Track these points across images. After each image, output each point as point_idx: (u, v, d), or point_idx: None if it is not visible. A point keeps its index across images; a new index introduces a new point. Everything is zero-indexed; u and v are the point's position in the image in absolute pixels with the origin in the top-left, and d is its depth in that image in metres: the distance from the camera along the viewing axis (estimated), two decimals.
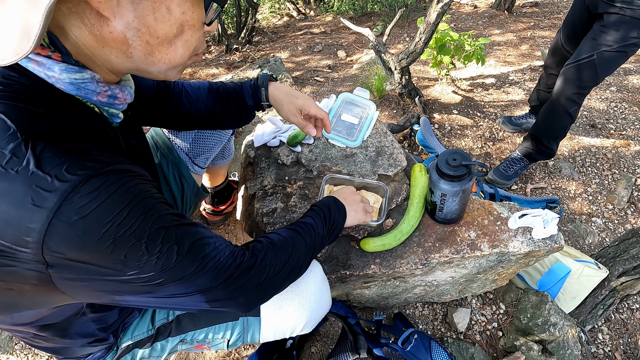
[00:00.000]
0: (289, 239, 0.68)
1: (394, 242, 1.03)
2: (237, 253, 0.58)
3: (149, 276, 0.46)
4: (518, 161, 1.86)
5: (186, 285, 0.51)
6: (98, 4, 0.40)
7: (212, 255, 0.52)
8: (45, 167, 0.38)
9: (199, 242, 0.51)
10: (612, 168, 2.01)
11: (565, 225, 1.75)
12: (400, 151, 1.22)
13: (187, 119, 0.90)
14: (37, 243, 0.38)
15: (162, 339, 0.77)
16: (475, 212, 1.09)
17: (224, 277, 0.54)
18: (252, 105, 0.90)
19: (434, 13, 1.67)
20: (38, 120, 0.41)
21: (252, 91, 0.89)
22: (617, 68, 1.51)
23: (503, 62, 2.91)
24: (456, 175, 0.89)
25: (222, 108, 0.91)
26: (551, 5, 3.81)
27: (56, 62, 0.43)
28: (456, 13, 3.90)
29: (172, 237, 0.47)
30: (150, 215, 0.45)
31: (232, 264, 0.55)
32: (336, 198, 0.86)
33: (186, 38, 0.49)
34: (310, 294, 0.79)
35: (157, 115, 0.87)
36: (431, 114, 2.32)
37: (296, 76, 3.03)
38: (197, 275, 0.51)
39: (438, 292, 1.21)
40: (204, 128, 0.97)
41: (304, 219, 0.76)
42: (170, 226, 0.47)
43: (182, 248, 0.48)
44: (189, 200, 1.06)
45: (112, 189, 0.42)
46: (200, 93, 0.88)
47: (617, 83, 2.59)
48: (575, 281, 1.29)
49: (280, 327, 0.79)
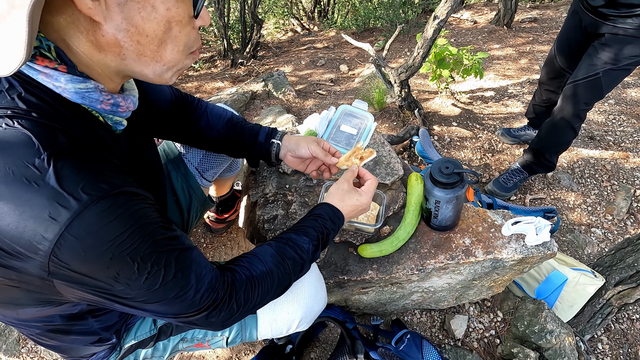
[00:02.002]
0: (272, 272, 0.68)
1: (391, 248, 1.06)
2: (217, 286, 0.59)
3: (135, 293, 0.51)
4: (518, 173, 1.89)
5: (165, 308, 0.55)
6: (89, 10, 0.42)
7: (192, 285, 0.56)
8: (64, 184, 0.43)
9: (185, 271, 0.54)
10: (611, 179, 2.03)
11: (564, 235, 1.77)
12: (398, 160, 1.26)
13: (199, 139, 0.94)
14: (46, 251, 0.43)
15: (164, 338, 0.80)
16: (470, 220, 1.12)
17: (197, 308, 0.57)
18: (262, 142, 0.92)
19: (431, 29, 1.73)
20: (57, 136, 0.45)
21: (268, 131, 0.93)
22: (619, 83, 1.56)
23: (502, 76, 2.97)
24: (449, 182, 0.93)
25: (234, 142, 0.94)
26: (550, 21, 3.89)
27: (62, 74, 0.47)
28: (456, 28, 3.99)
29: (162, 262, 0.51)
30: (147, 239, 0.49)
31: (209, 298, 0.58)
32: (336, 209, 0.82)
33: (174, 34, 0.49)
34: (304, 290, 0.82)
35: (172, 129, 0.90)
36: (431, 126, 2.37)
37: (299, 89, 3.11)
38: (175, 301, 0.55)
39: (435, 299, 1.23)
40: (211, 151, 1.01)
41: (299, 237, 0.74)
42: (161, 251, 0.51)
43: (168, 274, 0.52)
44: (195, 210, 1.10)
45: (119, 212, 0.46)
46: (219, 121, 0.92)
47: (616, 96, 2.63)
48: (572, 289, 1.31)
49: (276, 322, 0.82)
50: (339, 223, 0.81)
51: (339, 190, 0.83)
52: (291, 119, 1.89)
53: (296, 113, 2.62)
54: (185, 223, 1.08)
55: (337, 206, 0.81)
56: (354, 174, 0.87)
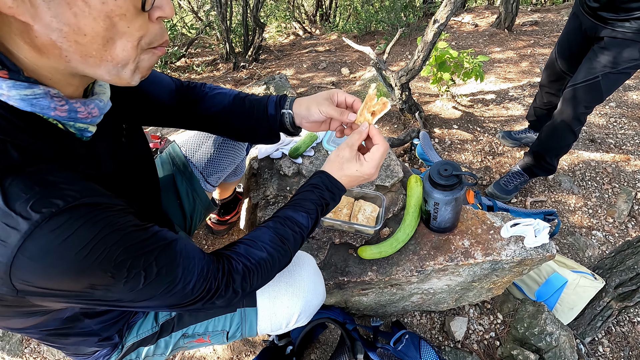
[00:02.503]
0: (271, 256, 0.66)
1: (391, 250, 1.07)
2: (210, 276, 0.58)
3: (119, 296, 0.50)
4: (518, 176, 1.89)
5: (157, 302, 0.54)
6: (10, 10, 0.38)
7: (181, 278, 0.54)
8: (12, 204, 0.40)
9: (169, 266, 0.53)
10: (612, 182, 2.03)
11: (565, 238, 1.77)
12: (397, 163, 1.27)
13: (207, 122, 0.88)
14: (5, 274, 0.41)
15: (166, 334, 0.81)
16: (469, 222, 1.12)
17: (191, 298, 0.56)
18: (273, 114, 0.83)
19: (431, 32, 1.75)
20: (7, 149, 0.42)
21: (277, 101, 0.84)
22: (619, 87, 1.56)
23: (503, 79, 2.98)
24: (447, 184, 0.94)
25: (244, 119, 0.86)
26: (551, 24, 3.90)
27: (3, 80, 0.43)
28: (457, 32, 4.01)
29: (140, 264, 0.49)
30: (116, 247, 0.46)
31: (201, 288, 0.57)
32: (334, 179, 0.75)
33: (122, 30, 0.44)
34: (303, 284, 0.83)
35: (179, 118, 0.86)
36: (431, 128, 2.38)
37: (301, 92, 3.13)
38: (166, 295, 0.54)
39: (435, 301, 1.24)
40: (222, 134, 0.93)
41: (297, 214, 0.71)
42: (137, 255, 0.49)
43: (150, 273, 0.50)
44: (199, 214, 1.11)
45: (76, 225, 0.43)
46: (224, 99, 0.85)
47: (617, 99, 2.63)
48: (572, 292, 1.31)
49: (276, 316, 0.83)
50: (339, 192, 0.76)
51: (338, 158, 0.75)
52: None
53: None
54: (188, 227, 1.09)
55: (335, 175, 0.75)
56: (362, 136, 0.76)
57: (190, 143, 1.08)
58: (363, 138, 0.76)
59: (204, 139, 1.08)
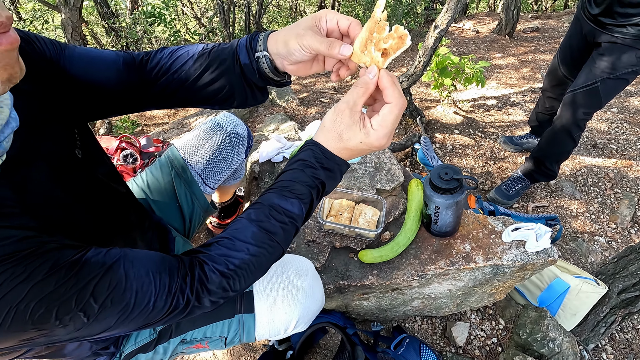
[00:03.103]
0: (255, 255, 0.55)
1: (391, 254, 1.07)
2: (176, 290, 0.50)
3: (67, 336, 0.44)
4: (520, 181, 1.89)
5: (120, 329, 0.48)
6: None
7: (135, 302, 0.47)
8: None
9: (114, 294, 0.45)
10: (615, 187, 2.02)
11: (567, 243, 1.76)
12: (398, 167, 1.27)
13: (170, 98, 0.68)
14: None
15: (164, 341, 0.81)
16: (470, 226, 1.12)
17: (160, 316, 0.50)
18: (247, 63, 0.61)
19: (432, 38, 1.76)
20: None
21: (247, 44, 0.61)
22: (620, 93, 1.56)
23: (504, 84, 2.99)
24: (448, 188, 0.94)
25: (214, 79, 0.64)
26: (552, 30, 3.92)
27: None
28: (458, 38, 4.03)
29: (71, 306, 0.42)
30: (24, 305, 0.39)
31: (167, 304, 0.49)
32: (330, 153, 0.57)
33: None
34: (301, 289, 0.83)
35: (135, 102, 0.68)
36: (433, 133, 2.38)
37: (302, 97, 3.14)
38: (126, 321, 0.47)
39: (436, 306, 1.23)
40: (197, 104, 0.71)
41: (286, 201, 0.57)
42: (65, 298, 0.42)
43: (91, 310, 0.44)
44: (198, 216, 1.11)
45: None
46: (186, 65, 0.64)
47: (618, 104, 2.63)
48: (575, 297, 1.30)
49: (274, 322, 0.82)
50: (338, 168, 0.59)
51: (335, 124, 0.55)
52: (294, 126, 1.91)
53: (299, 121, 2.64)
54: (187, 229, 1.09)
55: (330, 148, 0.57)
56: (368, 89, 0.54)
57: (189, 146, 1.08)
58: (370, 92, 0.54)
59: (202, 142, 1.08)
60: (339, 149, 0.57)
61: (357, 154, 0.58)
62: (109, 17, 3.68)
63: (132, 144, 1.77)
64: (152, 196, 1.02)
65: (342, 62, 0.60)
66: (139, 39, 3.74)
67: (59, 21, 4.57)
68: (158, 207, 1.02)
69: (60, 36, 4.81)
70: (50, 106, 0.56)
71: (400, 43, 0.52)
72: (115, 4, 4.25)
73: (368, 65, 0.54)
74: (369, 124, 0.54)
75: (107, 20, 3.63)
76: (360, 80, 0.54)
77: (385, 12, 0.53)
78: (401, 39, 0.52)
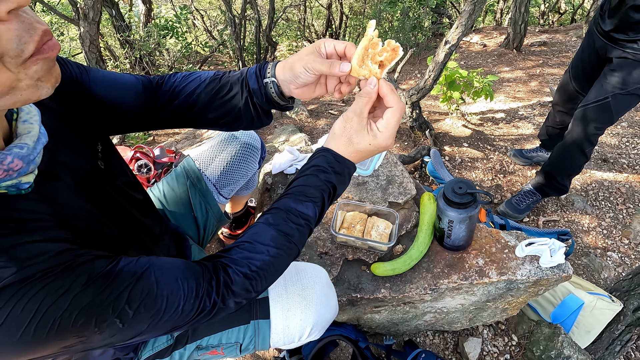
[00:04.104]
0: (275, 257, 0.59)
1: (404, 267, 1.07)
2: (203, 294, 0.53)
3: (102, 342, 0.46)
4: (530, 195, 1.88)
5: (149, 335, 0.51)
6: None
7: (166, 307, 0.50)
8: None
9: (146, 301, 0.48)
10: (627, 202, 2.00)
11: (579, 258, 1.74)
12: (410, 180, 1.28)
13: (185, 118, 0.75)
14: None
15: (180, 347, 0.82)
16: (483, 240, 1.12)
17: (186, 320, 0.53)
18: (255, 88, 0.68)
19: (442, 53, 1.78)
20: None
21: (257, 71, 0.69)
22: (632, 108, 1.56)
23: (512, 98, 3.00)
24: (462, 202, 0.94)
25: (225, 103, 0.71)
26: (559, 45, 3.94)
27: None
28: (466, 51, 4.07)
29: (108, 314, 0.45)
30: (68, 313, 0.41)
31: (195, 308, 0.52)
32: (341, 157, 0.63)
33: None
34: (316, 297, 0.83)
35: (152, 121, 0.74)
36: (442, 146, 2.39)
37: (311, 109, 3.18)
38: (157, 326, 0.50)
39: (448, 320, 1.22)
40: (210, 127, 0.78)
41: (301, 205, 0.61)
42: (103, 307, 0.44)
43: (126, 316, 0.46)
44: (211, 225, 1.13)
45: (6, 312, 0.38)
46: (198, 88, 0.72)
47: (629, 119, 2.63)
48: (589, 314, 1.28)
49: (288, 329, 0.82)
50: (349, 173, 0.65)
51: (346, 130, 0.62)
52: (304, 137, 1.94)
53: (309, 132, 2.67)
54: (201, 238, 1.11)
55: (342, 153, 0.63)
56: (371, 98, 0.61)
57: (204, 157, 1.11)
58: (373, 100, 0.62)
59: (217, 152, 1.11)
60: (349, 153, 0.63)
61: (366, 155, 0.64)
62: (123, 30, 3.78)
63: (146, 154, 1.80)
64: (168, 206, 1.04)
65: (341, 82, 0.68)
66: (152, 51, 3.83)
67: (74, 33, 4.70)
68: (174, 216, 1.04)
69: (76, 48, 4.94)
70: (74, 122, 0.60)
71: (393, 54, 0.60)
72: (129, 17, 4.36)
73: (367, 77, 0.61)
74: (375, 127, 0.61)
75: (122, 33, 3.73)
76: (363, 91, 0.62)
77: (377, 31, 0.61)
78: (394, 51, 0.60)
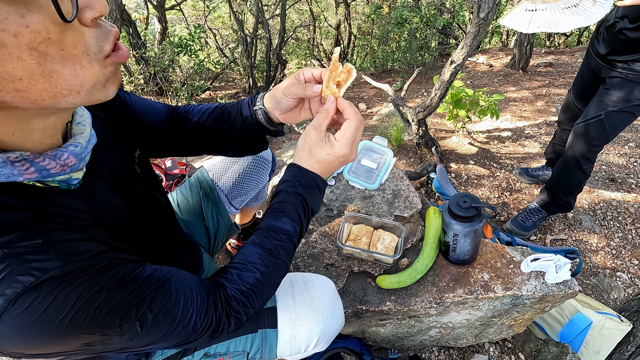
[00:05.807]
0: (265, 274, 0.63)
1: (409, 280, 1.08)
2: (210, 308, 0.56)
3: (120, 345, 0.49)
4: (536, 212, 1.88)
5: (162, 343, 0.53)
6: None
7: (180, 318, 0.53)
8: None
9: (165, 308, 0.51)
10: (635, 223, 1.99)
11: (588, 278, 1.72)
12: (416, 195, 1.30)
13: (196, 144, 0.84)
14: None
15: (189, 354, 0.83)
16: (489, 255, 1.13)
17: (195, 335, 0.56)
18: (248, 115, 0.77)
19: (448, 72, 1.83)
20: None
21: (249, 101, 0.79)
22: (627, 127, 1.59)
23: (519, 117, 3.02)
24: (467, 216, 0.96)
25: (226, 130, 0.81)
26: (565, 66, 3.99)
27: None
28: (472, 71, 4.13)
29: (131, 316, 0.47)
30: (99, 310, 0.44)
31: (204, 323, 0.55)
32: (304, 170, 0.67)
33: (57, 56, 0.37)
34: (323, 308, 0.84)
35: (172, 144, 0.83)
36: (448, 163, 2.41)
37: None
38: (169, 337, 0.53)
39: (454, 336, 1.21)
40: (215, 152, 0.89)
41: (278, 221, 0.65)
42: (126, 310, 0.46)
43: (146, 321, 0.49)
44: (222, 235, 1.16)
45: (47, 302, 0.40)
46: (204, 116, 0.82)
47: (636, 139, 2.63)
48: (598, 334, 1.26)
49: (295, 339, 0.83)
50: (315, 184, 0.68)
51: (306, 144, 0.67)
52: None
53: None
54: (211, 247, 1.14)
55: (305, 165, 0.67)
56: (328, 113, 0.67)
57: (217, 168, 1.16)
58: (331, 115, 0.67)
59: (229, 164, 1.16)
60: (311, 164, 0.67)
61: (328, 165, 0.67)
62: (139, 47, 3.92)
63: (158, 166, 1.85)
64: (181, 215, 1.07)
65: (323, 104, 0.74)
66: (166, 67, 3.96)
67: None
68: (186, 225, 1.07)
69: None
70: (117, 130, 0.66)
71: (348, 75, 0.68)
72: (144, 34, 4.54)
73: (328, 96, 0.70)
74: (332, 138, 0.66)
75: (139, 50, 3.87)
76: (323, 108, 0.69)
77: (337, 55, 0.69)
78: (349, 72, 0.68)
